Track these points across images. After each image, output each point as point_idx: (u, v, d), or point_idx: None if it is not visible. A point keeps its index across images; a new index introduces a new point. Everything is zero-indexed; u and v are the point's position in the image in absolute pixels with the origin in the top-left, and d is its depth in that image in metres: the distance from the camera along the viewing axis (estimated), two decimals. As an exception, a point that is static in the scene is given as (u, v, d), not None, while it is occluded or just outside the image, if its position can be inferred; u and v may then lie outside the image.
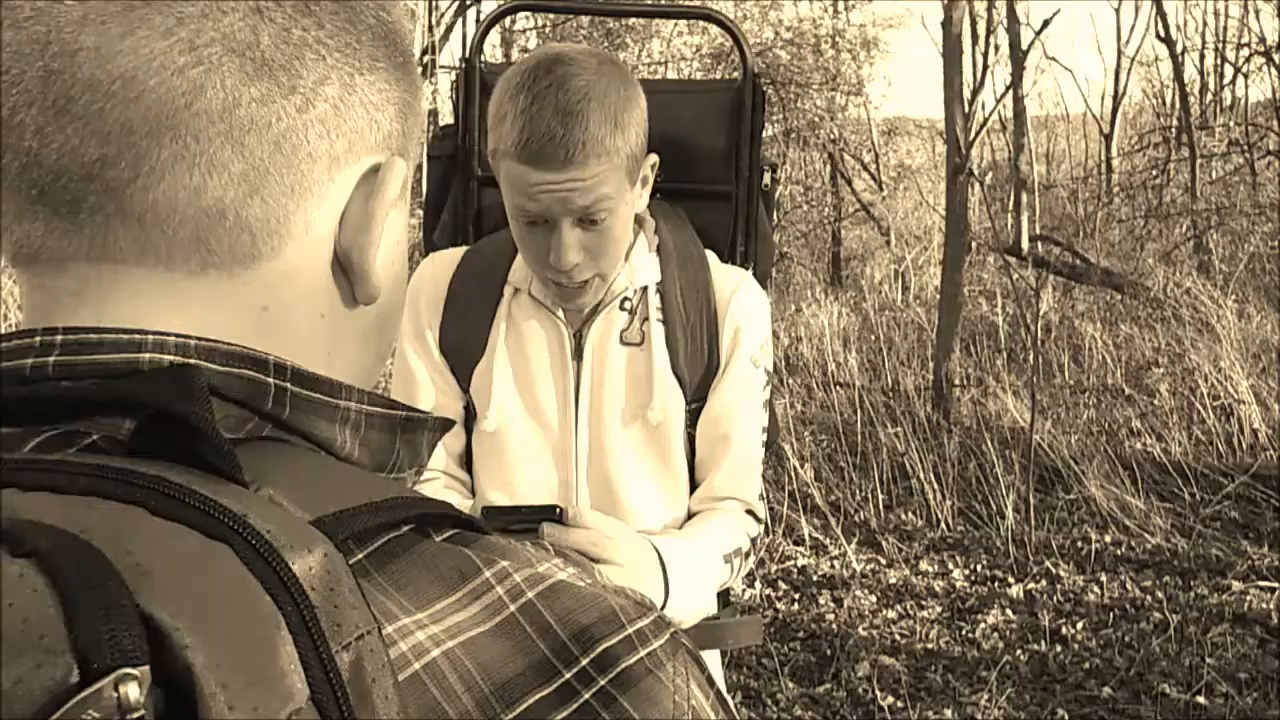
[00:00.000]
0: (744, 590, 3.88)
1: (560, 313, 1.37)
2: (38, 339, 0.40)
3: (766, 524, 1.50)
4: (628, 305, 1.38)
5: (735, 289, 1.40)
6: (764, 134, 1.67)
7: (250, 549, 0.33)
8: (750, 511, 1.40)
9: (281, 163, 0.43)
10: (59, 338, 0.39)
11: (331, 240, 0.46)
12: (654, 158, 1.32)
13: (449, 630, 0.38)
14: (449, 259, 1.43)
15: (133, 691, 0.29)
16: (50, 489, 0.34)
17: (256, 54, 0.41)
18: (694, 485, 1.42)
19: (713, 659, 1.49)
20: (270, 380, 0.41)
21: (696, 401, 1.39)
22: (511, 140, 1.19)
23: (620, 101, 1.21)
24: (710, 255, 1.44)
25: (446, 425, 0.50)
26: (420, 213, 1.85)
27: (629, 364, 1.37)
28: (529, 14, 10.35)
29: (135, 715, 0.29)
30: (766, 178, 1.65)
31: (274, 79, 0.42)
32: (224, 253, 0.43)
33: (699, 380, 1.38)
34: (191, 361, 0.40)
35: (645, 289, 1.38)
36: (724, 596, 1.49)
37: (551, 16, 9.74)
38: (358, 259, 0.46)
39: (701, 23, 10.09)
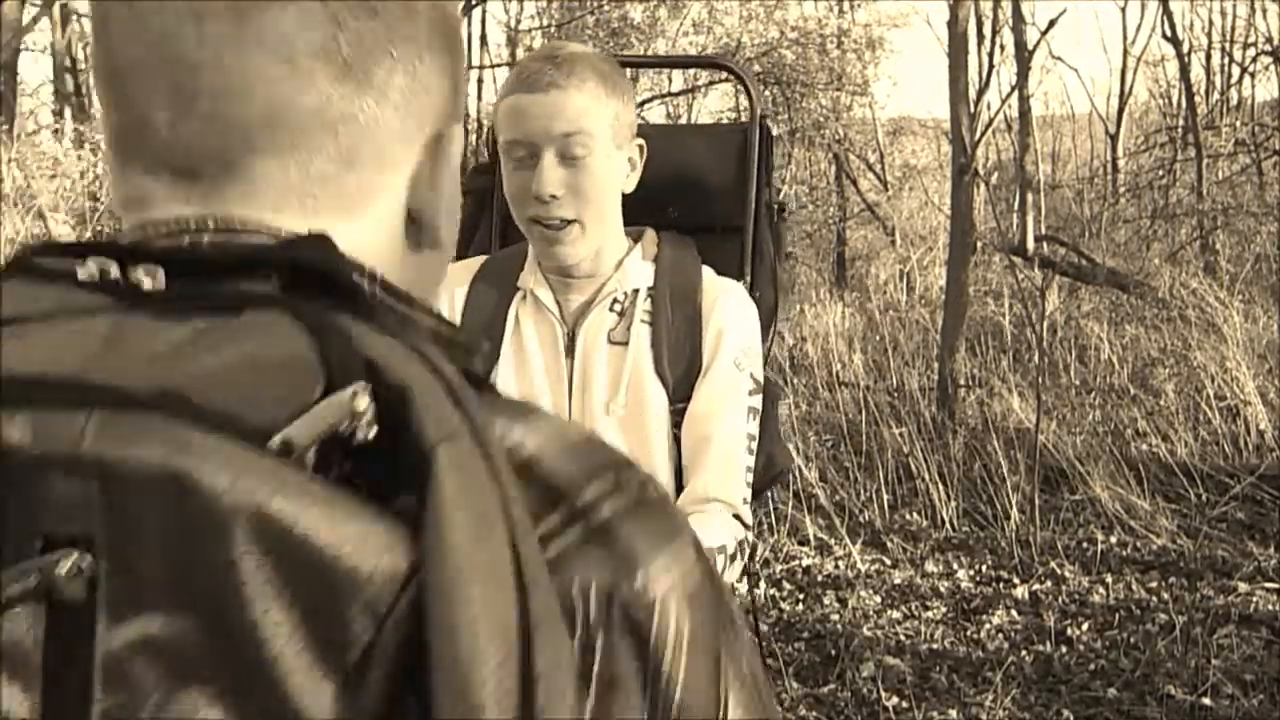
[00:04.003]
0: (748, 590, 3.88)
1: (556, 311, 1.43)
2: (191, 223, 0.49)
3: (758, 529, 1.52)
4: (617, 307, 1.43)
5: (721, 294, 1.45)
6: (774, 172, 1.78)
7: (410, 348, 0.44)
8: (736, 516, 1.40)
9: (367, 144, 0.52)
10: (211, 223, 0.49)
11: (405, 200, 0.55)
12: (641, 142, 1.42)
13: (536, 440, 0.48)
14: (468, 265, 1.50)
15: (362, 402, 0.40)
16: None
17: (339, 59, 0.50)
18: (682, 489, 1.42)
19: None
20: (364, 283, 0.49)
21: (681, 402, 1.41)
22: (508, 86, 1.34)
23: (609, 68, 1.37)
24: (707, 270, 1.48)
25: (495, 356, 0.58)
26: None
27: (613, 362, 1.41)
28: (534, 14, 10.37)
29: (364, 417, 0.40)
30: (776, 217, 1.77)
31: (354, 79, 0.51)
32: (329, 211, 0.52)
33: (681, 379, 1.41)
34: (325, 234, 0.48)
35: (636, 292, 1.44)
36: None
37: (557, 16, 9.75)
38: (429, 215, 0.56)
39: (706, 24, 10.10)
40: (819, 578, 4.13)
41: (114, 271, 0.45)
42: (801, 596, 3.98)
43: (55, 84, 8.51)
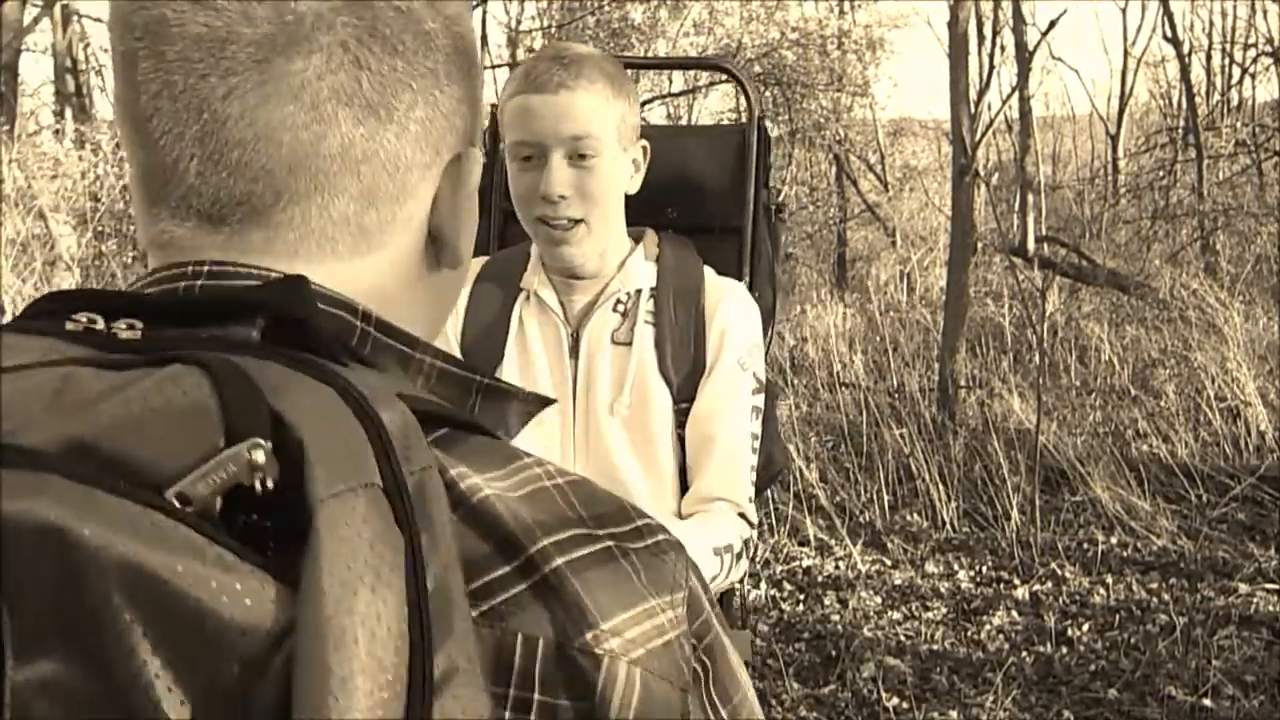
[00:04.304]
0: (749, 591, 3.88)
1: (560, 312, 1.44)
2: (189, 268, 0.51)
3: (759, 529, 1.52)
4: (620, 307, 1.44)
5: (724, 294, 1.46)
6: (770, 170, 1.80)
7: (348, 394, 0.43)
8: (742, 515, 1.41)
9: (388, 179, 0.54)
10: (206, 268, 0.51)
11: (425, 222, 0.57)
12: (645, 143, 1.43)
13: (499, 488, 0.48)
14: (471, 265, 1.50)
15: (260, 456, 0.39)
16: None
17: (360, 99, 0.52)
18: (687, 489, 1.43)
19: None
20: (357, 323, 0.52)
21: (685, 401, 1.42)
22: (514, 85, 1.34)
23: (615, 69, 1.37)
24: (708, 270, 1.49)
25: (544, 402, 0.58)
26: None
27: (617, 362, 1.42)
28: (535, 15, 10.36)
29: (260, 473, 0.39)
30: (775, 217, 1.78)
31: (376, 116, 0.53)
32: (347, 250, 0.54)
33: (685, 379, 1.42)
34: (303, 276, 0.50)
35: (639, 292, 1.44)
36: (726, 598, 1.50)
37: (557, 17, 9.75)
38: (449, 235, 0.58)
39: (706, 25, 10.10)
40: (819, 578, 4.13)
41: (100, 323, 0.47)
42: (802, 597, 3.98)
43: (56, 84, 8.52)
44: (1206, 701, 3.13)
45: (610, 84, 1.34)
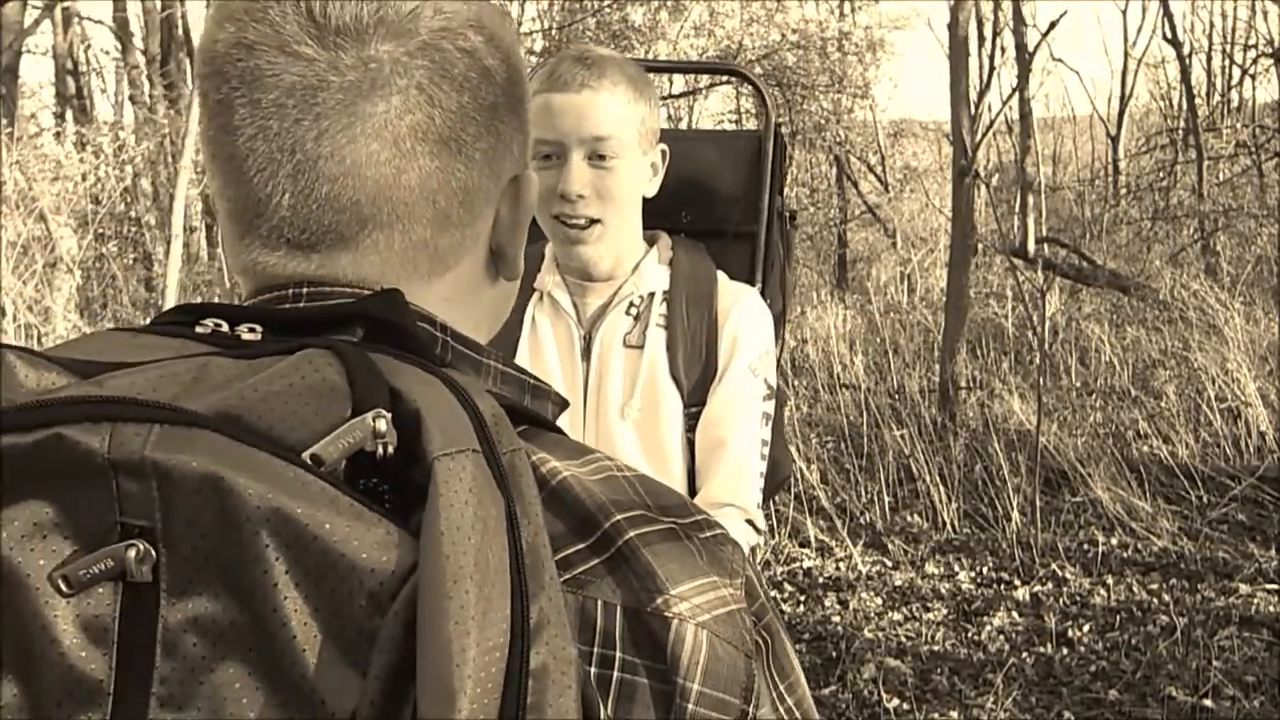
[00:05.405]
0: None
1: (573, 313, 1.44)
2: (290, 290, 0.57)
3: (766, 535, 1.53)
4: (633, 310, 1.44)
5: (737, 299, 1.46)
6: (785, 176, 1.80)
7: (450, 385, 0.49)
8: (749, 521, 1.41)
9: (459, 205, 0.60)
10: (305, 289, 0.57)
11: (488, 240, 0.63)
12: (664, 147, 1.44)
13: (576, 471, 0.54)
14: None
15: (382, 424, 0.45)
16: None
17: (434, 134, 0.58)
18: (695, 493, 1.43)
19: None
20: (438, 334, 0.58)
21: (696, 405, 1.42)
22: (536, 85, 1.35)
23: (637, 74, 1.38)
24: (721, 275, 1.49)
25: (564, 403, 0.63)
26: None
27: (628, 365, 1.42)
28: (535, 16, 10.37)
29: (381, 440, 0.45)
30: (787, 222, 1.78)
31: (448, 149, 0.58)
32: (426, 271, 0.60)
33: (696, 383, 1.42)
34: (398, 289, 0.56)
35: (652, 295, 1.44)
36: None
37: (558, 19, 9.75)
38: (511, 251, 0.64)
39: (707, 27, 10.10)
40: (820, 579, 4.13)
41: (225, 327, 0.54)
42: (802, 598, 3.98)
43: (57, 86, 8.53)
44: (1207, 702, 3.13)
45: (632, 86, 1.35)
